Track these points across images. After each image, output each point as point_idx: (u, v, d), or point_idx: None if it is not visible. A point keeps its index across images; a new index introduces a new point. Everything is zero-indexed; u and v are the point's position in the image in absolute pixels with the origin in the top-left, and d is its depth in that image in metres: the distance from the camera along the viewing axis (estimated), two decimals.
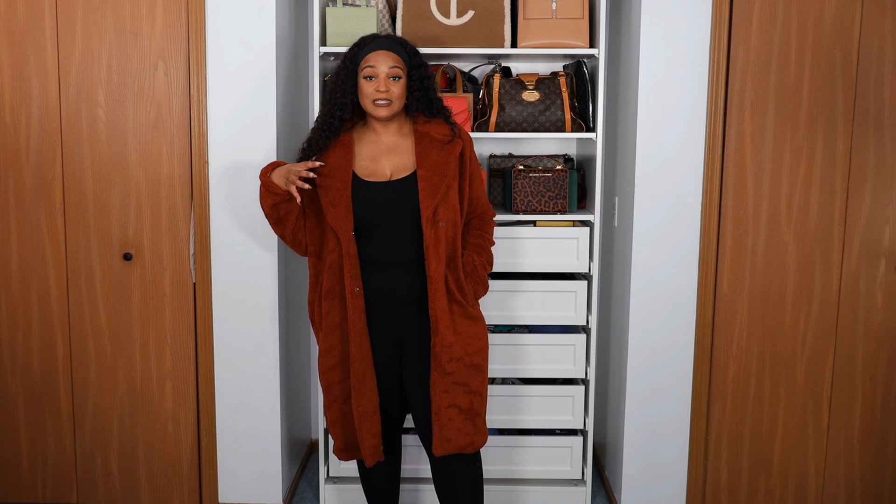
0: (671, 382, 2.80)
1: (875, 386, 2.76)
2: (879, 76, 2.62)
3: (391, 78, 2.25)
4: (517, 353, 2.80)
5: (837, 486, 2.83)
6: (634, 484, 2.86)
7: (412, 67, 2.30)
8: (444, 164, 2.25)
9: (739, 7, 2.62)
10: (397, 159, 2.30)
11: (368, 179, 2.27)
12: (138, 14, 2.63)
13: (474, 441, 2.32)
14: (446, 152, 2.27)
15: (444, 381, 2.25)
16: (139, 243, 2.73)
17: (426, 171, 2.24)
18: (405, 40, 2.33)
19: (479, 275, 2.37)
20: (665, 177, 2.71)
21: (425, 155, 2.26)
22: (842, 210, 2.69)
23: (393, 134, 2.32)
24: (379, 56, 2.25)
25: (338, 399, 2.36)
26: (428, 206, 2.21)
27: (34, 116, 2.67)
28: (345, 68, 2.29)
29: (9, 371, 2.80)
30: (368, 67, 2.24)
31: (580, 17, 2.67)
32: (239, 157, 2.70)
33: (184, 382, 2.81)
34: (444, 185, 2.23)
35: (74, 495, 2.87)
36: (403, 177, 2.27)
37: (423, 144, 2.28)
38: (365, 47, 2.27)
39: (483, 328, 2.36)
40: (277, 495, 2.88)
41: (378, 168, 2.29)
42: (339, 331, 2.30)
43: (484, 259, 2.40)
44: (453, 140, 2.29)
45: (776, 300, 2.74)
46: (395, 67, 2.25)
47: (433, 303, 2.23)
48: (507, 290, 2.77)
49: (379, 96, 2.24)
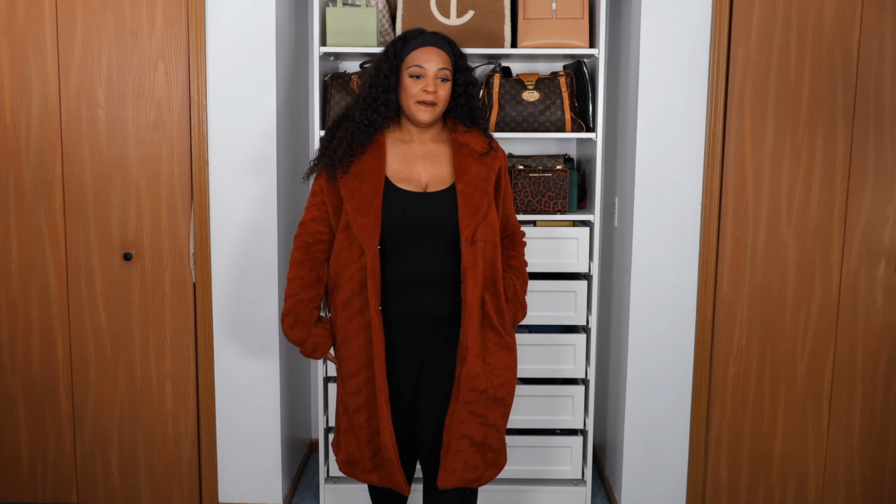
0: (671, 382, 2.80)
1: (875, 386, 2.76)
2: (879, 76, 2.62)
3: (439, 79, 2.07)
4: (518, 353, 2.79)
5: (837, 486, 2.83)
6: (634, 484, 2.86)
7: (458, 70, 2.13)
8: (485, 180, 2.09)
9: (739, 7, 2.62)
10: (434, 168, 2.12)
11: (402, 187, 2.08)
12: (138, 14, 2.63)
13: (482, 476, 2.14)
14: (486, 167, 2.11)
15: (461, 410, 2.07)
16: (139, 243, 2.73)
17: (466, 186, 2.06)
18: (452, 40, 2.14)
19: (520, 300, 2.22)
20: (665, 177, 2.71)
21: (465, 168, 2.09)
22: (842, 210, 2.69)
23: (428, 140, 2.15)
24: (429, 53, 2.06)
25: (358, 412, 2.15)
26: (468, 226, 2.04)
27: (34, 116, 2.67)
28: (387, 62, 2.09)
29: (9, 371, 2.80)
30: (416, 66, 2.05)
31: (580, 17, 2.67)
32: (239, 156, 2.70)
33: (184, 382, 2.81)
34: (485, 203, 2.07)
35: (74, 495, 2.87)
36: (441, 190, 2.09)
37: (462, 156, 2.10)
38: (411, 42, 2.08)
39: (514, 359, 2.18)
40: (277, 495, 2.88)
41: (413, 175, 2.10)
42: (365, 353, 2.10)
43: (522, 281, 2.24)
44: (490, 153, 2.13)
45: (776, 300, 2.74)
46: (445, 69, 2.07)
47: (466, 329, 2.05)
48: None
49: (426, 97, 2.05)
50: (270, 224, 2.73)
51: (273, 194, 2.72)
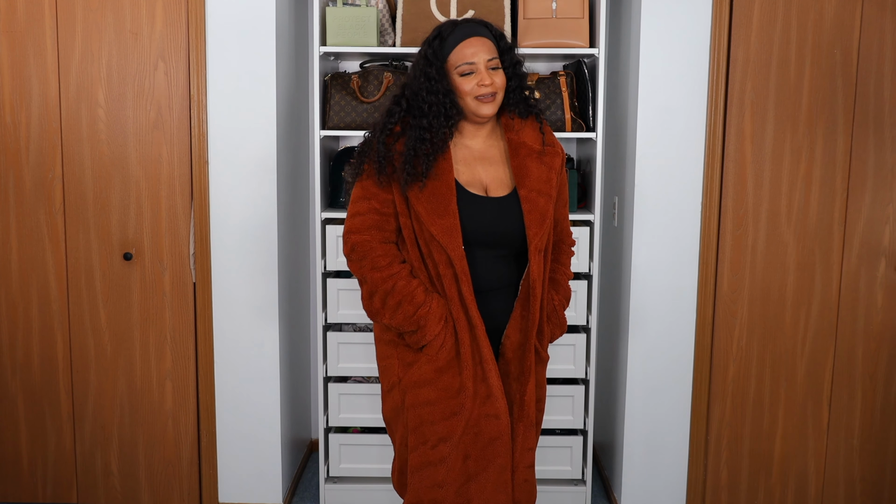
0: (671, 382, 2.80)
1: (875, 386, 2.76)
2: (879, 76, 2.62)
3: (491, 68, 1.92)
4: None
5: (837, 486, 2.83)
6: (634, 484, 2.86)
7: (502, 52, 1.96)
8: (547, 182, 1.95)
9: (739, 7, 2.62)
10: (493, 170, 1.98)
11: (471, 191, 1.95)
12: (138, 14, 2.63)
13: (531, 501, 2.04)
14: (546, 167, 1.96)
15: (529, 434, 1.94)
16: (139, 243, 2.73)
17: (529, 192, 1.93)
18: (488, 22, 1.98)
19: (559, 317, 2.06)
20: (665, 177, 2.71)
21: (525, 171, 1.95)
22: (842, 210, 2.69)
23: (485, 138, 2.01)
24: (473, 46, 1.90)
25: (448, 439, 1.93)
26: (536, 234, 1.91)
27: (34, 116, 2.67)
28: (430, 65, 1.92)
29: (9, 371, 2.80)
30: (465, 65, 1.90)
31: (580, 17, 2.67)
32: (239, 156, 2.70)
33: (184, 382, 2.81)
34: (550, 207, 1.94)
35: (74, 495, 2.87)
36: (504, 195, 1.96)
37: (521, 157, 1.96)
38: (449, 38, 1.92)
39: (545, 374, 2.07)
40: (277, 495, 2.88)
41: (475, 177, 1.97)
42: (455, 365, 1.94)
43: (562, 297, 2.08)
44: (548, 150, 1.98)
45: (776, 300, 2.74)
46: (493, 58, 1.92)
47: (528, 350, 1.93)
48: None
49: (484, 91, 1.90)
50: (270, 224, 2.73)
51: (273, 194, 2.72)
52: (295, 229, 3.02)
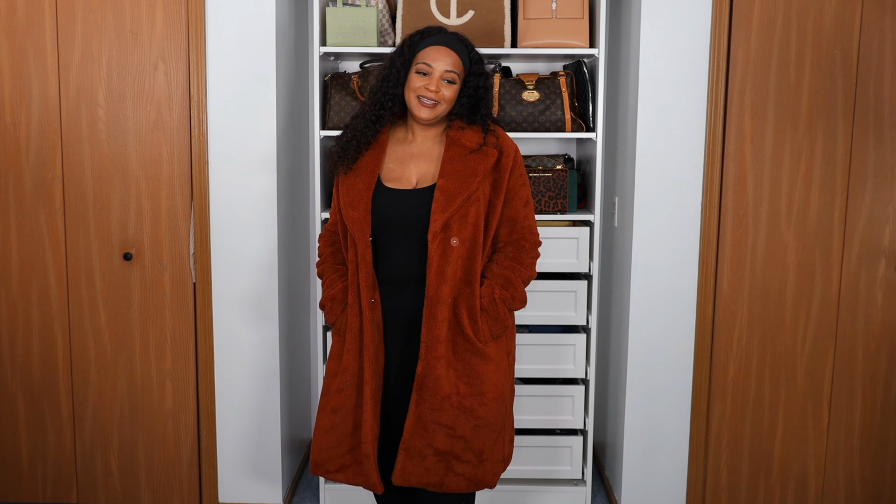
0: (671, 382, 2.80)
1: (875, 386, 2.76)
2: (879, 76, 2.62)
3: (445, 80, 2.04)
4: (517, 353, 2.79)
5: (837, 486, 2.83)
6: (634, 484, 2.86)
7: (470, 74, 2.08)
8: (469, 175, 2.02)
9: (739, 7, 2.62)
10: (425, 166, 2.09)
11: (391, 186, 2.07)
12: (138, 14, 2.63)
13: (444, 482, 2.05)
14: (474, 161, 2.04)
15: (421, 414, 2.01)
16: (139, 243, 2.73)
17: (446, 181, 2.01)
18: (471, 43, 2.11)
19: (497, 312, 2.06)
20: (665, 177, 2.71)
21: (449, 163, 2.04)
22: (842, 210, 2.69)
23: (429, 139, 2.12)
24: (440, 52, 2.04)
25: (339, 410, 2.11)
26: (437, 219, 1.98)
27: (34, 116, 2.67)
28: (401, 55, 2.08)
29: (9, 371, 2.80)
30: (424, 64, 2.04)
31: (580, 17, 2.67)
32: (239, 156, 2.70)
33: (184, 382, 2.81)
34: (461, 197, 1.99)
35: (74, 495, 2.87)
36: (426, 186, 2.06)
37: (451, 152, 2.06)
38: (427, 38, 2.06)
39: (496, 370, 2.07)
40: (277, 495, 2.88)
41: (405, 174, 2.09)
42: (355, 348, 2.08)
43: (508, 294, 2.08)
44: (483, 149, 2.06)
45: (776, 300, 2.74)
46: (452, 72, 2.04)
47: (427, 327, 2.00)
48: None
49: (427, 94, 2.03)
50: (270, 224, 2.73)
51: (273, 194, 2.72)
52: (295, 229, 3.02)
